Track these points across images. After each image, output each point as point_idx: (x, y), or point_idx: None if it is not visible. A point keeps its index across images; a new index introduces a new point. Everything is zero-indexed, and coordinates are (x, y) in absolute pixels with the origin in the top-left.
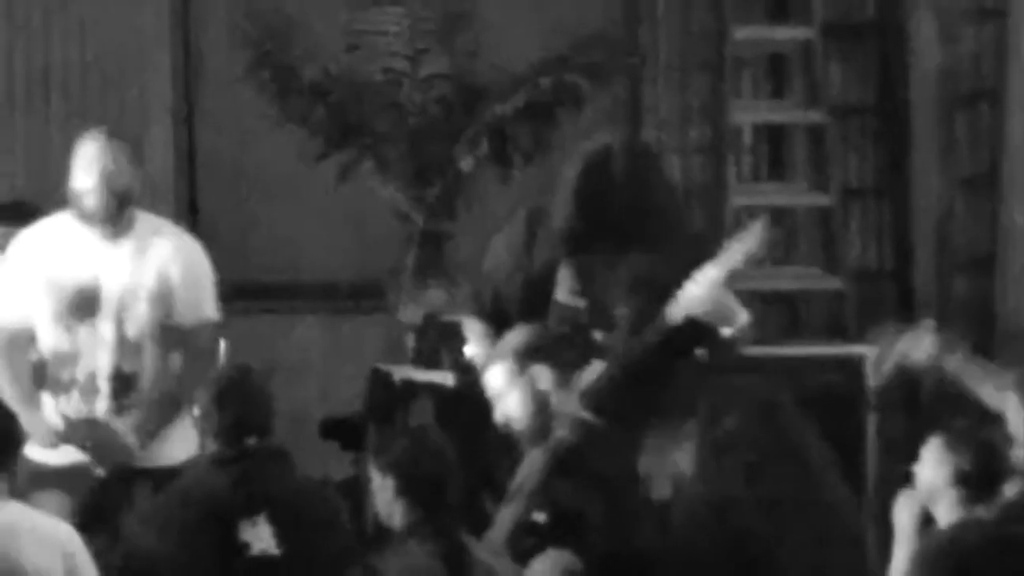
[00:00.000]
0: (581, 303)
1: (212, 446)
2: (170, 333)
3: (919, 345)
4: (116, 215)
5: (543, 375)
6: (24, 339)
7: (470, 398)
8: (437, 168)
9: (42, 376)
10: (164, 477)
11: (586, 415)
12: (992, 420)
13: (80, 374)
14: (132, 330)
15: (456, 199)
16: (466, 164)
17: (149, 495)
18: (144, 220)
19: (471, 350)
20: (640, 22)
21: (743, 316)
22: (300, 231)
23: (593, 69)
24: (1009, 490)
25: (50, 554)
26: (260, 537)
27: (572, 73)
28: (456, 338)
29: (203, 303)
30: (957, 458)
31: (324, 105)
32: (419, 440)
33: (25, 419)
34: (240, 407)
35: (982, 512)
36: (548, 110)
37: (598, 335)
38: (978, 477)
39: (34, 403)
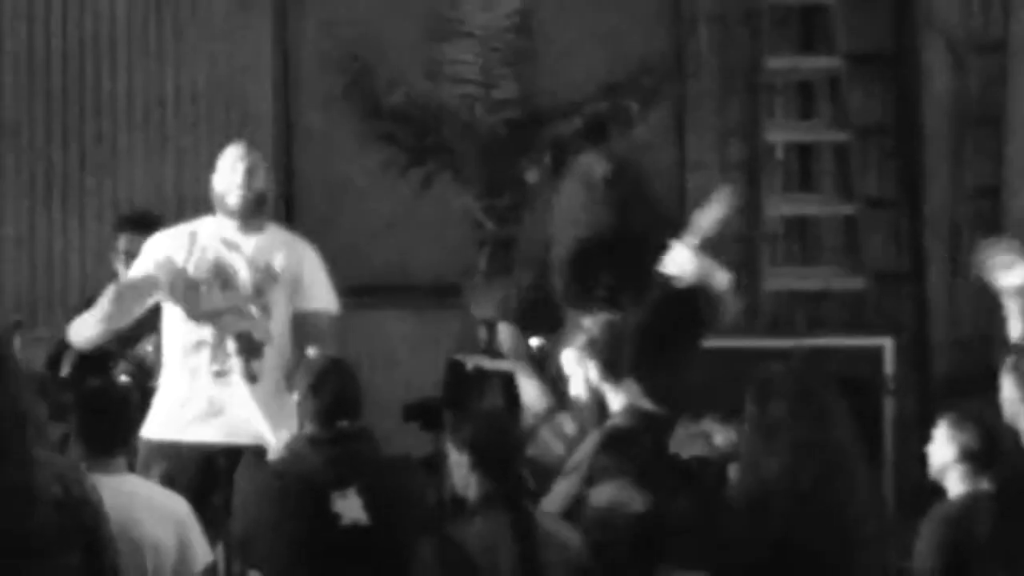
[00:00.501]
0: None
1: (308, 427)
2: (299, 321)
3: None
4: (254, 211)
5: (592, 368)
6: None
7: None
8: (506, 180)
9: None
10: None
11: (637, 403)
12: (991, 401)
13: (211, 336)
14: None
15: (522, 208)
16: (531, 177)
17: (253, 470)
18: (273, 226)
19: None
20: (684, 52)
21: (724, 276)
22: (385, 237)
23: (642, 94)
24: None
25: (164, 525)
26: (350, 508)
27: (624, 97)
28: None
29: (325, 296)
30: (963, 437)
31: (407, 125)
32: (490, 421)
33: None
34: (334, 393)
35: (985, 484)
36: (602, 129)
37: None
38: (981, 453)
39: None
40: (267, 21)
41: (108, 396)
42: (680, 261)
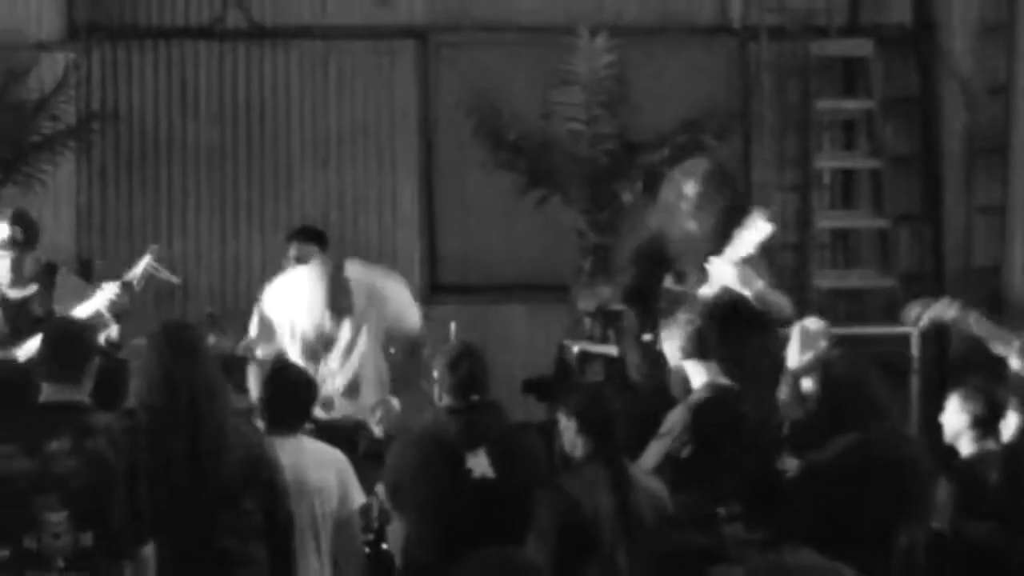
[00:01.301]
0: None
1: (446, 400)
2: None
3: (947, 309)
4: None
5: (682, 350)
6: None
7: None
8: (605, 200)
9: None
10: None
11: (716, 379)
12: (995, 377)
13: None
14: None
15: (618, 222)
16: (627, 197)
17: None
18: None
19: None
20: (749, 96)
21: (760, 283)
22: (508, 246)
23: (716, 129)
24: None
25: (327, 469)
26: (480, 465)
27: (701, 132)
28: (618, 321)
29: (410, 317)
30: (972, 407)
31: (525, 156)
32: (593, 393)
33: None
34: (467, 371)
35: (991, 445)
36: (684, 158)
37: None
38: (987, 420)
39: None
40: (411, 73)
41: (290, 375)
42: (721, 272)
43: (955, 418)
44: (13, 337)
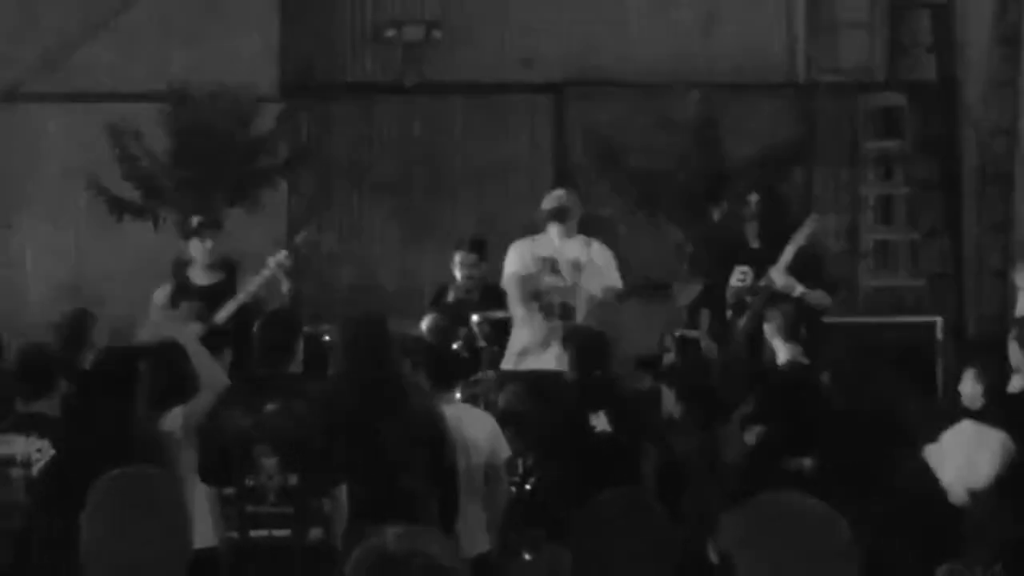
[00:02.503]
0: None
1: (574, 373)
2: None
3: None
4: (568, 226)
5: (775, 334)
6: None
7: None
8: (698, 216)
9: None
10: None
11: (797, 358)
12: (1003, 356)
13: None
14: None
15: (710, 235)
16: (715, 214)
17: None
18: (578, 236)
19: None
20: (811, 137)
21: (799, 288)
22: (624, 252)
23: (785, 163)
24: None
25: (480, 428)
26: (601, 423)
27: (774, 165)
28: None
29: (613, 276)
30: (985, 379)
31: (637, 184)
32: (687, 368)
33: None
34: (591, 350)
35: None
36: (760, 186)
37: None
38: (994, 390)
39: None
40: (549, 119)
41: (450, 353)
42: (774, 277)
43: (970, 389)
44: (209, 312)
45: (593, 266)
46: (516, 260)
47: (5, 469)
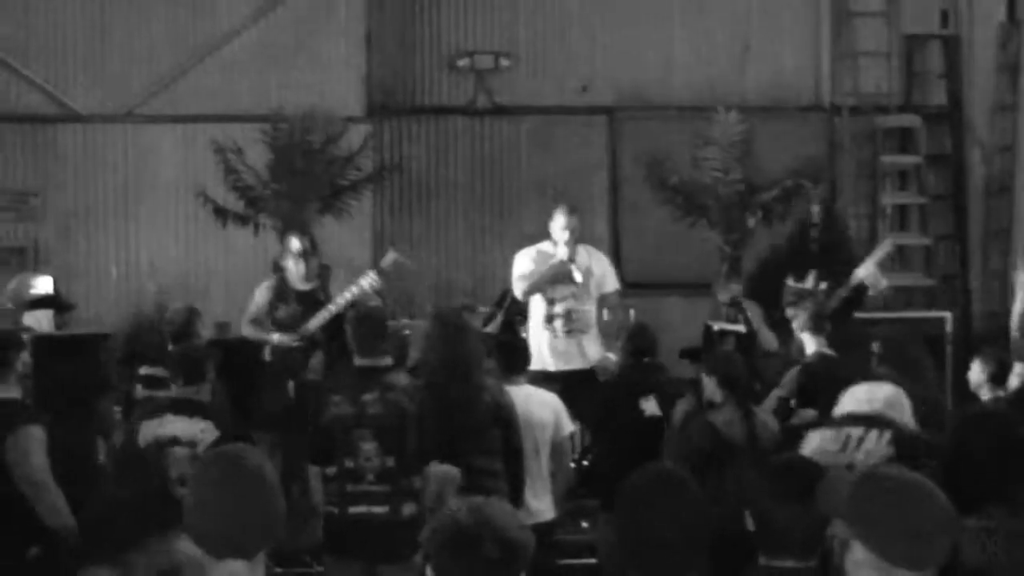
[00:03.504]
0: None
1: (625, 360)
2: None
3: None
4: (575, 241)
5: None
6: None
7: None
8: (736, 225)
9: None
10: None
11: (823, 349)
12: (1005, 345)
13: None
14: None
15: (746, 239)
16: (750, 223)
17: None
18: (583, 247)
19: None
20: (835, 154)
21: (884, 282)
22: (668, 255)
23: (812, 177)
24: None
25: (546, 408)
26: (650, 406)
27: (802, 178)
28: (743, 308)
29: (612, 282)
30: (989, 367)
31: (681, 195)
32: (726, 357)
33: None
34: (641, 341)
35: (1001, 392)
36: (789, 197)
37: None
38: (998, 376)
39: None
40: (603, 139)
41: (519, 342)
42: (862, 275)
43: (976, 375)
44: (304, 317)
45: (594, 273)
46: (526, 263)
47: (169, 448)
